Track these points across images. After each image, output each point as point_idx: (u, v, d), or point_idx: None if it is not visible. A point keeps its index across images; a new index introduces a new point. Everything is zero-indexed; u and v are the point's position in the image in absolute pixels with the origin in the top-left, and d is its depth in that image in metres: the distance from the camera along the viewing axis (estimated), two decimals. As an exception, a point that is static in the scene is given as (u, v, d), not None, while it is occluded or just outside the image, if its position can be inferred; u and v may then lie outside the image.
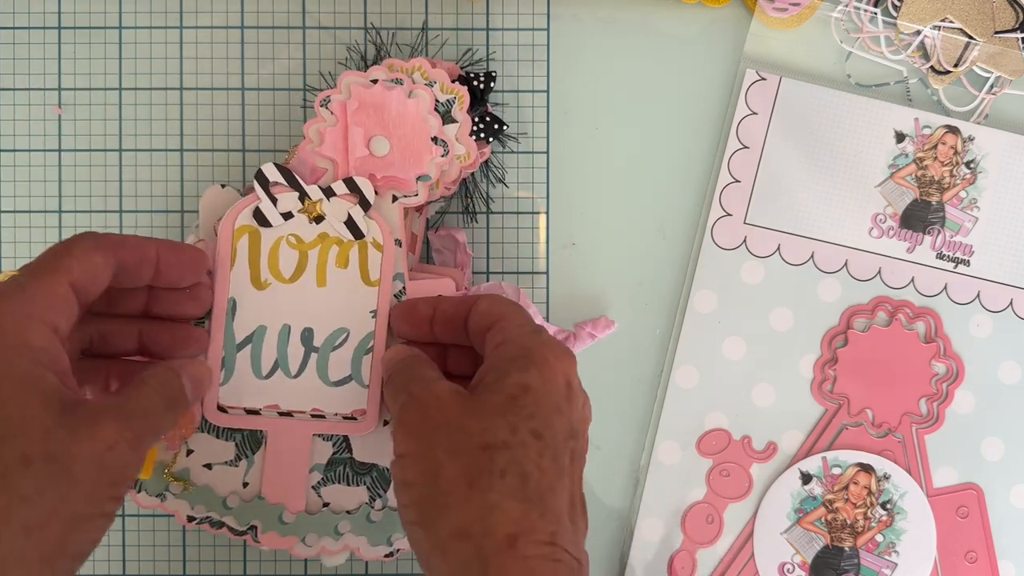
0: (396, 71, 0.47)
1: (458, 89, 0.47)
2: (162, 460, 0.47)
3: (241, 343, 0.47)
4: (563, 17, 0.54)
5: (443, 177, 0.48)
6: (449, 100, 0.47)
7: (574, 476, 0.39)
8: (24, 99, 0.53)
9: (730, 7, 0.53)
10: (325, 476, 0.47)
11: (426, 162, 0.46)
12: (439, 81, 0.47)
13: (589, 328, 0.52)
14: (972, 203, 0.53)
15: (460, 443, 0.37)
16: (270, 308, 0.47)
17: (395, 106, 0.46)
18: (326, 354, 0.47)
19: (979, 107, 0.53)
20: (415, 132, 0.46)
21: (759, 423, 0.53)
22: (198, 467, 0.47)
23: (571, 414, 0.40)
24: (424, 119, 0.46)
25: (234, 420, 0.47)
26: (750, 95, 0.53)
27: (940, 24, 0.52)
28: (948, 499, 0.53)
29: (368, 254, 0.47)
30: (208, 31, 0.53)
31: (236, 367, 0.47)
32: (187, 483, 0.47)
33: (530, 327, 0.42)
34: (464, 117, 0.47)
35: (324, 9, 0.53)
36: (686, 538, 0.53)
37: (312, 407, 0.47)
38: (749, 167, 0.53)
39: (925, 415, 0.53)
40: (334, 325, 0.47)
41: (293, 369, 0.47)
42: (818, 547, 0.53)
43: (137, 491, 0.47)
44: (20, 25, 0.53)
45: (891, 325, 0.53)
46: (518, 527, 0.36)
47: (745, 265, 0.53)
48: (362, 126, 0.46)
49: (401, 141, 0.46)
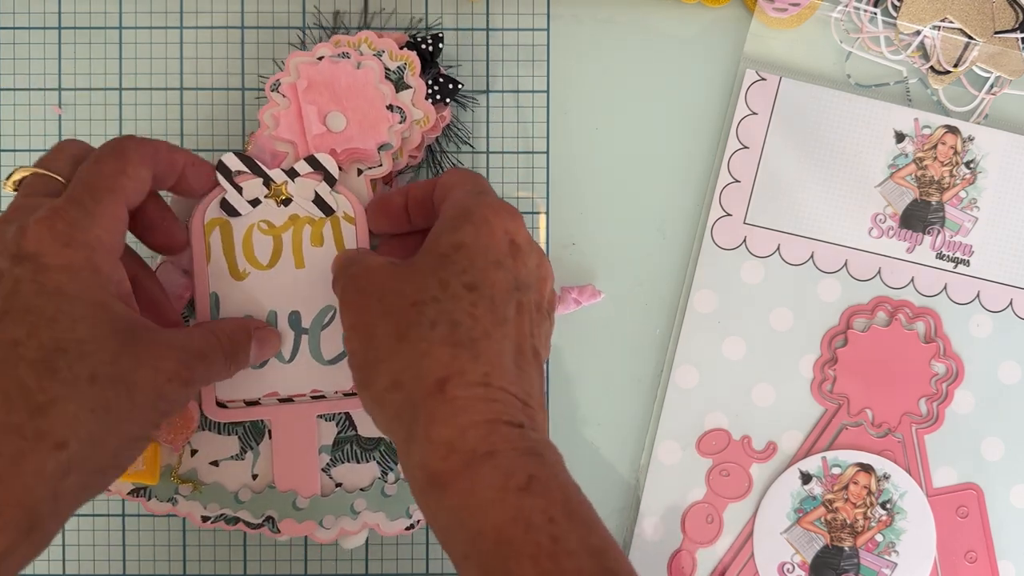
0: (342, 46, 0.47)
1: (407, 55, 0.47)
2: (168, 463, 0.47)
3: None
4: (563, 17, 0.54)
5: (406, 144, 0.48)
6: (400, 67, 0.47)
7: (521, 326, 0.39)
8: (24, 99, 0.53)
9: (730, 7, 0.53)
10: (334, 457, 0.47)
11: (384, 130, 0.46)
12: (387, 50, 0.47)
13: (575, 294, 0.52)
14: (972, 203, 0.53)
15: (392, 304, 0.38)
16: (253, 297, 0.46)
17: (344, 79, 0.46)
18: (316, 334, 0.47)
19: (979, 107, 0.53)
20: (369, 102, 0.46)
21: (759, 423, 0.53)
22: (205, 466, 0.47)
23: (516, 269, 0.40)
24: (376, 88, 0.46)
25: (235, 414, 0.47)
26: (750, 95, 0.53)
27: (940, 24, 0.52)
28: (948, 499, 0.53)
29: (342, 228, 0.47)
30: (208, 31, 0.53)
31: None
32: (196, 483, 0.47)
33: (476, 190, 0.42)
34: (417, 82, 0.47)
35: (324, 9, 0.53)
36: (686, 538, 0.53)
37: (311, 389, 0.47)
38: (749, 167, 0.53)
39: (925, 415, 0.53)
40: (320, 304, 0.47)
41: (286, 354, 0.47)
42: (818, 547, 0.53)
43: (147, 499, 0.47)
44: (20, 25, 0.53)
45: (891, 325, 0.53)
46: (447, 371, 0.36)
47: (745, 265, 0.53)
48: (315, 104, 0.46)
49: (356, 113, 0.46)
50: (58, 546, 0.53)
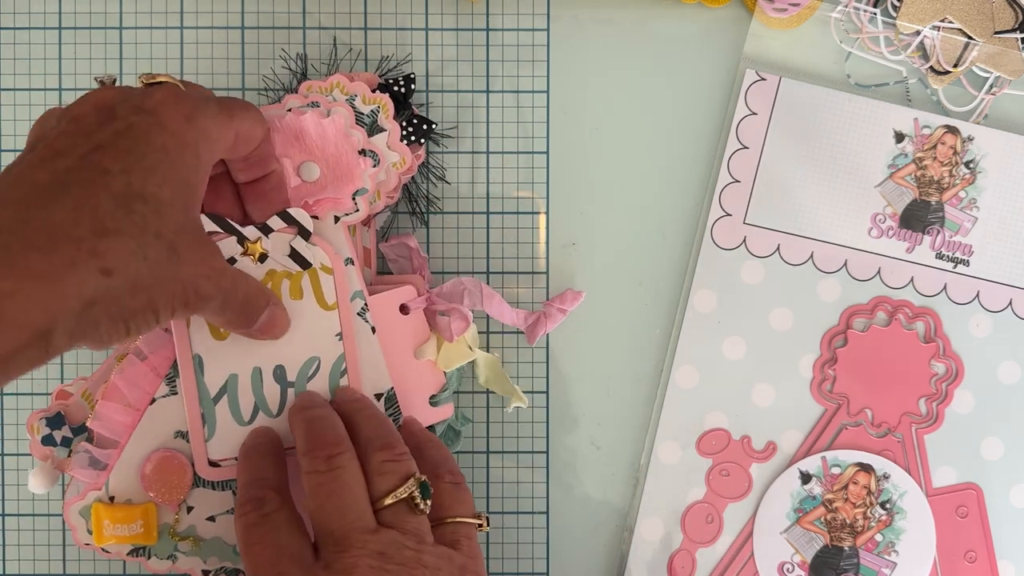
0: (314, 93, 0.47)
1: (380, 98, 0.47)
2: (166, 523, 0.47)
3: (216, 396, 0.46)
4: (563, 18, 0.54)
5: (382, 187, 0.48)
6: (373, 110, 0.47)
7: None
8: (24, 99, 0.53)
9: (730, 7, 0.53)
10: None
11: (358, 176, 0.46)
12: (359, 93, 0.47)
13: (557, 304, 0.52)
14: (971, 203, 0.53)
15: None
16: (236, 355, 0.46)
17: (313, 129, 0.46)
18: (303, 386, 0.47)
19: (978, 107, 0.53)
20: (340, 150, 0.46)
21: (759, 423, 0.53)
22: (202, 521, 0.47)
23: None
24: (346, 135, 0.46)
25: (227, 472, 0.46)
26: (750, 95, 0.53)
27: (940, 24, 0.52)
28: (947, 499, 0.53)
29: (320, 280, 0.47)
30: (208, 31, 0.53)
31: (218, 420, 0.46)
32: (195, 539, 0.47)
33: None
34: (391, 124, 0.47)
35: (324, 9, 0.53)
36: (686, 538, 0.53)
37: None
38: (749, 167, 0.53)
39: (925, 415, 0.53)
40: (304, 357, 0.47)
41: (274, 409, 0.47)
42: (818, 547, 0.53)
43: (147, 558, 0.47)
44: (20, 25, 0.53)
45: (891, 325, 0.53)
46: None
47: (745, 265, 0.53)
48: (288, 156, 0.46)
49: (329, 162, 0.46)
50: None
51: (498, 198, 0.54)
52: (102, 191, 0.36)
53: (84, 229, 0.35)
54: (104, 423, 0.46)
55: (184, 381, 0.46)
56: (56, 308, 0.34)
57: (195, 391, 0.46)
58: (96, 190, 0.36)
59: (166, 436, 0.46)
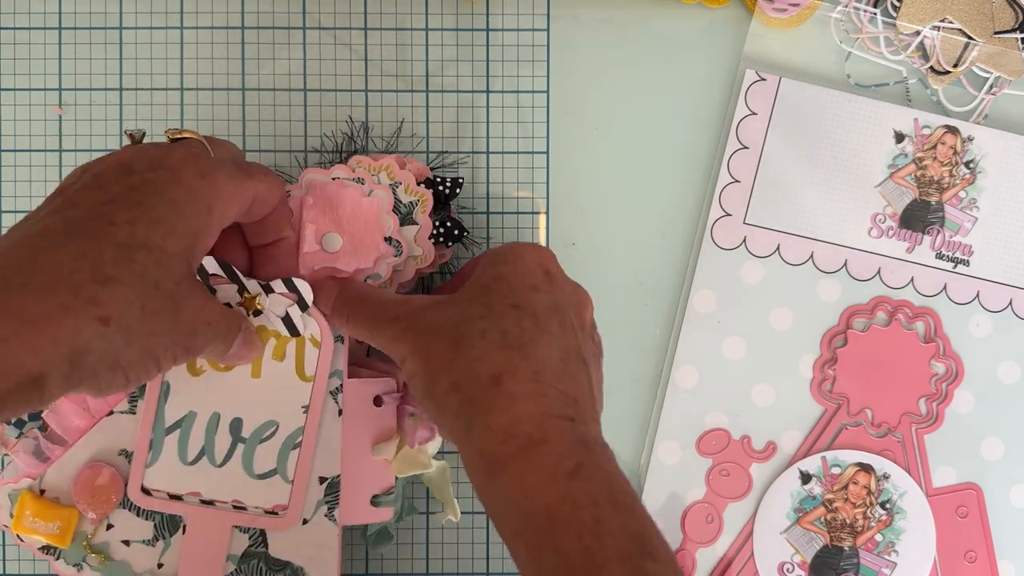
0: (362, 169, 0.47)
1: (422, 192, 0.47)
2: (83, 531, 0.47)
3: (170, 427, 0.46)
4: (563, 18, 0.54)
5: (397, 276, 0.48)
6: (412, 202, 0.47)
7: (566, 338, 0.42)
8: (24, 99, 0.53)
9: (730, 7, 0.53)
10: (239, 567, 0.47)
11: (373, 260, 0.46)
12: (405, 183, 0.47)
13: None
14: (971, 203, 0.53)
15: (442, 326, 0.41)
16: (202, 395, 0.46)
17: (349, 204, 0.46)
18: (253, 446, 0.46)
19: (978, 107, 0.53)
20: (367, 230, 0.46)
21: (759, 423, 0.53)
22: (117, 542, 0.47)
23: (553, 294, 0.42)
24: (378, 218, 0.46)
25: (156, 504, 0.46)
26: (750, 95, 0.53)
27: (939, 24, 0.52)
28: (948, 499, 0.53)
29: (305, 350, 0.46)
30: (208, 31, 0.53)
31: (163, 450, 0.46)
32: (105, 556, 0.47)
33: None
34: (425, 220, 0.48)
35: (324, 9, 0.53)
36: (686, 538, 0.53)
37: (234, 498, 0.47)
38: (749, 167, 0.53)
39: (925, 415, 0.53)
40: (264, 417, 0.46)
41: (218, 458, 0.46)
42: (818, 547, 0.53)
43: (56, 558, 0.47)
44: (20, 25, 0.53)
45: (890, 325, 0.53)
46: (500, 368, 0.39)
47: (745, 265, 0.53)
48: (316, 222, 0.46)
49: (353, 238, 0.46)
50: None
51: (498, 198, 0.54)
52: (106, 240, 0.36)
53: (84, 275, 0.35)
54: (59, 419, 0.46)
55: (146, 403, 0.46)
56: (48, 354, 0.34)
57: (152, 416, 0.46)
58: (101, 239, 0.36)
59: (111, 451, 0.47)
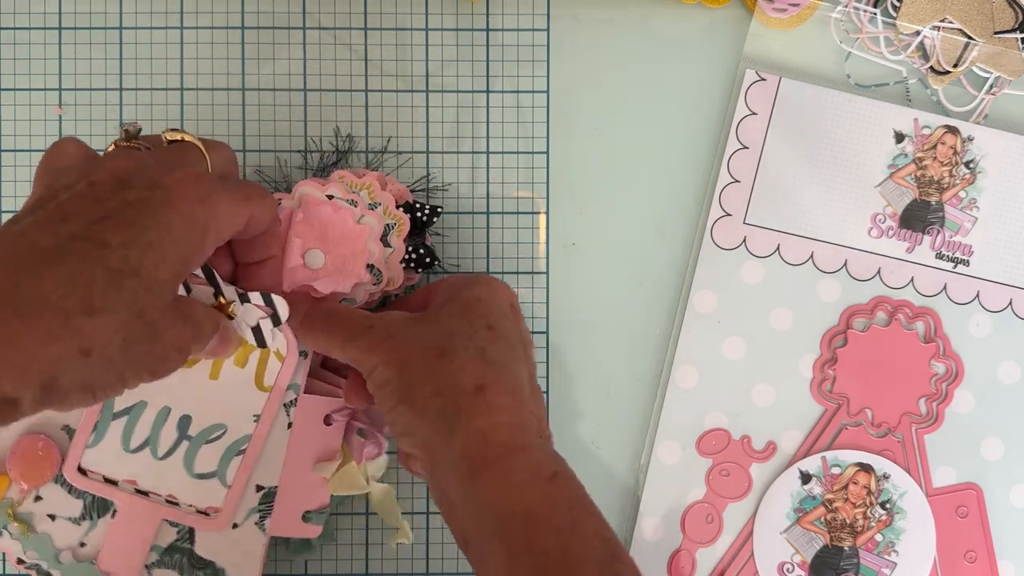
0: (345, 184, 0.47)
1: (400, 216, 0.48)
2: (10, 498, 0.47)
3: (119, 413, 0.46)
4: (563, 18, 0.54)
5: (370, 297, 0.48)
6: (389, 225, 0.48)
7: (529, 365, 0.45)
8: (24, 99, 0.53)
9: (730, 7, 0.53)
10: (161, 559, 0.47)
11: (353, 286, 0.47)
12: (384, 205, 0.48)
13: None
14: (971, 203, 0.53)
15: (423, 338, 0.43)
16: (157, 387, 0.45)
17: (339, 227, 0.46)
18: (198, 445, 0.47)
19: (978, 107, 0.53)
20: (352, 256, 0.47)
21: (759, 423, 0.53)
22: (42, 515, 0.47)
23: (518, 326, 0.46)
24: (365, 246, 0.47)
25: (90, 485, 0.46)
26: (750, 95, 0.53)
27: (939, 24, 0.52)
28: (947, 499, 0.53)
29: (268, 361, 0.46)
30: (208, 31, 0.53)
31: (107, 434, 0.46)
32: (28, 527, 0.47)
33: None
34: (399, 244, 0.48)
35: (324, 9, 0.53)
36: (686, 538, 0.53)
37: (169, 493, 0.47)
38: (749, 167, 0.53)
39: (925, 415, 0.53)
40: (214, 419, 0.47)
41: (161, 451, 0.47)
42: (818, 547, 0.53)
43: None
44: (20, 25, 0.53)
45: (891, 325, 0.53)
46: (484, 380, 0.42)
47: (745, 265, 0.53)
48: (302, 237, 0.46)
49: (336, 260, 0.46)
50: None
51: (498, 198, 0.54)
52: (98, 265, 0.36)
53: (73, 302, 0.35)
54: None
55: None
56: (27, 380, 0.34)
57: None
58: (92, 263, 0.36)
59: (55, 424, 0.47)
